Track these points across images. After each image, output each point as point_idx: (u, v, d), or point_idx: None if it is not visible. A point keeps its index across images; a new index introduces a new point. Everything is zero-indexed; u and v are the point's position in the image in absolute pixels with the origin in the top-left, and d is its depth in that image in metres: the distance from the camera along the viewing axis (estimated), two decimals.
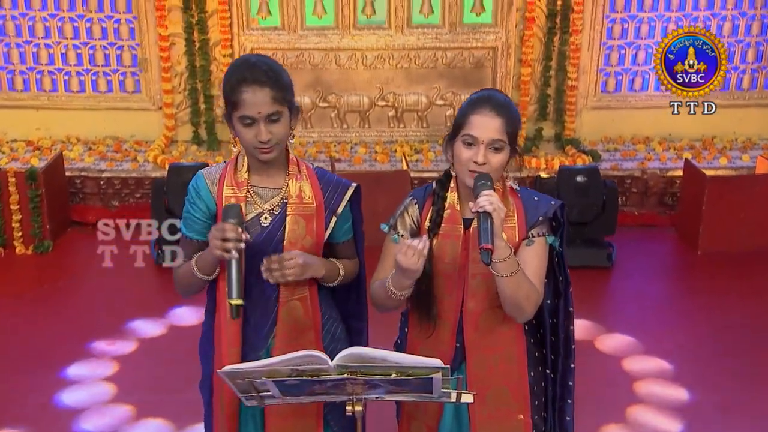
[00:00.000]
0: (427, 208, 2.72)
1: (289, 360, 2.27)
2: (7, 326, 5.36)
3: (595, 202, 6.10)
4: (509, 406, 2.74)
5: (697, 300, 5.85)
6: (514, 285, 2.48)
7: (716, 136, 7.17)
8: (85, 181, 6.83)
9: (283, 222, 2.70)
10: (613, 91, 7.29)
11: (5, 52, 7.12)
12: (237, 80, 2.54)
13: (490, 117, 2.53)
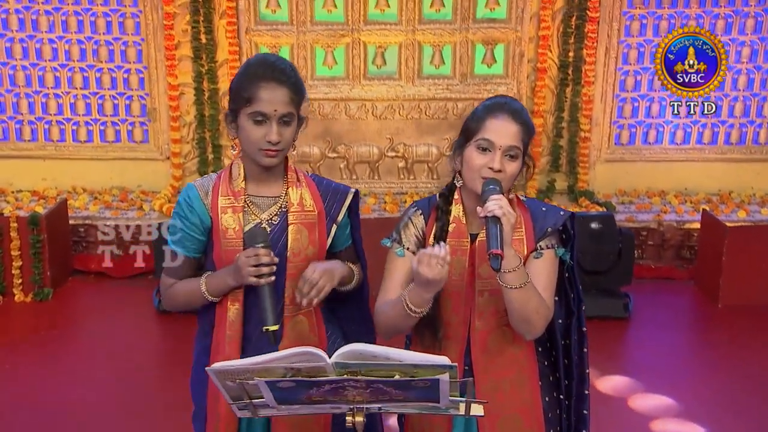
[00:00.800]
0: (432, 220, 2.61)
1: (285, 357, 2.10)
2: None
3: (610, 250, 5.84)
4: None
5: (718, 351, 5.60)
6: (523, 298, 2.39)
7: (733, 191, 6.87)
8: (89, 229, 6.66)
9: (283, 232, 2.59)
10: (627, 144, 7.05)
11: (14, 102, 7.01)
12: (255, 75, 2.47)
13: (508, 122, 2.44)
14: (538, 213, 2.58)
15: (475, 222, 2.53)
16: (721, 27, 6.78)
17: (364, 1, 6.79)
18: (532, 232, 2.52)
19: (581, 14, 6.66)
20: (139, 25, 6.85)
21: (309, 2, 6.77)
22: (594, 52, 6.75)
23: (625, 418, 4.67)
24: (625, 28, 6.80)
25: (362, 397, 2.19)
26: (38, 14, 6.81)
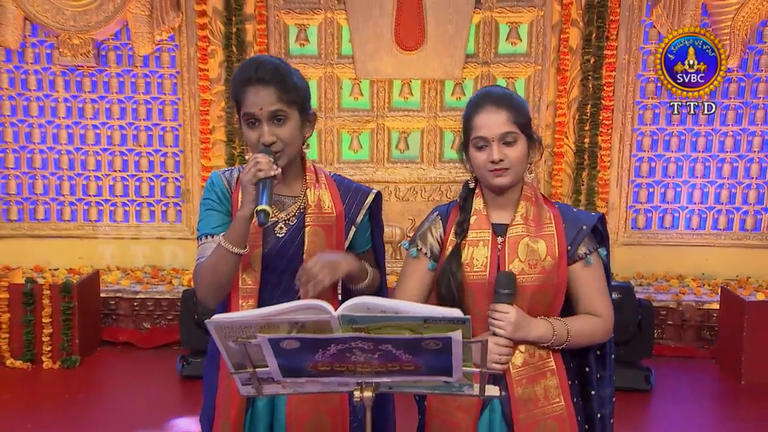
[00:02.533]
0: (450, 223, 2.54)
1: (289, 309, 1.97)
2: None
3: (631, 321, 5.56)
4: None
5: (742, 426, 5.25)
6: (577, 341, 2.42)
7: (751, 276, 6.60)
8: (120, 302, 6.56)
9: (299, 233, 2.53)
10: (644, 228, 6.85)
11: (57, 184, 7.00)
12: (241, 79, 2.41)
13: (493, 112, 2.39)
14: (569, 212, 2.52)
15: (495, 213, 2.48)
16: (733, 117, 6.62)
17: (388, 90, 6.76)
18: (563, 230, 2.44)
19: (596, 102, 6.56)
20: (177, 112, 6.85)
21: (337, 90, 6.75)
22: (609, 138, 6.63)
23: None
24: (638, 117, 6.66)
25: (370, 366, 2.00)
26: (84, 102, 6.85)
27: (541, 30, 6.55)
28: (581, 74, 6.52)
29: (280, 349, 1.95)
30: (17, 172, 6.92)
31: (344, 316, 1.88)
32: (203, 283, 2.40)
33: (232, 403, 2.49)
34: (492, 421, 2.41)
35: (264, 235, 2.45)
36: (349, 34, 6.59)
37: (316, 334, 1.92)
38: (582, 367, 2.54)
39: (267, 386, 2.12)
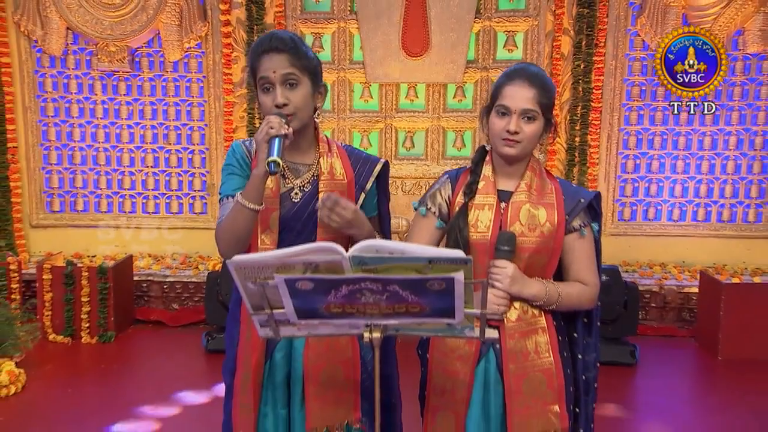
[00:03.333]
0: (459, 186, 2.50)
1: (303, 251, 1.96)
2: (65, 398, 5.14)
3: (618, 301, 5.58)
4: (546, 397, 2.43)
5: (718, 398, 5.27)
6: (566, 304, 2.42)
7: (727, 264, 6.59)
8: (151, 285, 6.58)
9: (313, 198, 2.48)
10: (629, 220, 6.81)
11: (95, 179, 7.02)
12: (257, 49, 2.41)
13: (522, 87, 2.35)
14: (569, 187, 2.52)
15: (502, 180, 2.47)
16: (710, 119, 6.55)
17: (395, 93, 6.76)
18: (563, 200, 2.42)
19: (586, 104, 6.54)
20: (203, 113, 6.85)
21: (348, 93, 6.75)
22: (597, 137, 6.60)
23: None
24: (624, 118, 6.64)
25: (379, 308, 1.98)
26: (119, 104, 6.86)
27: (535, 38, 6.54)
28: (572, 78, 6.49)
29: (295, 289, 1.92)
30: (59, 168, 6.93)
31: (354, 257, 1.87)
32: (223, 238, 2.38)
33: (252, 355, 2.48)
34: (487, 370, 2.41)
35: (281, 199, 2.43)
36: (360, 42, 6.60)
37: (329, 274, 1.90)
38: (570, 333, 2.53)
39: (283, 328, 2.10)
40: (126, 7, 6.55)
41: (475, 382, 2.41)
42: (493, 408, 2.40)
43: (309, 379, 2.47)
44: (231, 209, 2.34)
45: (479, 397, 2.41)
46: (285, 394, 2.50)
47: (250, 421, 2.50)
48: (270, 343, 2.50)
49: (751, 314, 5.66)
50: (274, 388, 2.50)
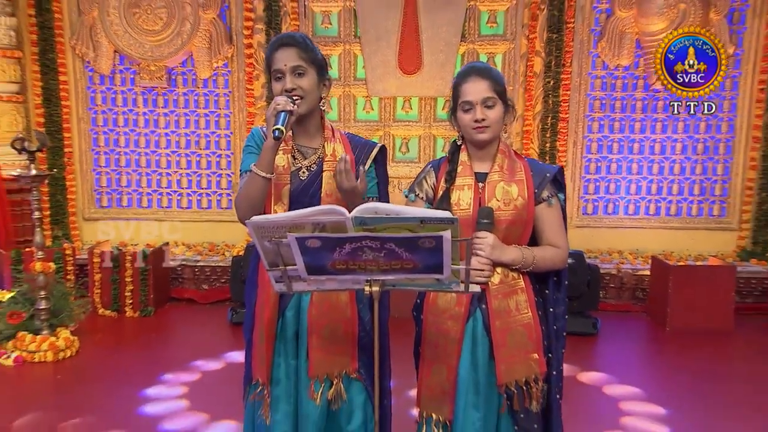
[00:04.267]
0: (441, 173, 2.50)
1: (311, 213, 1.98)
2: (111, 361, 5.20)
3: (582, 280, 5.58)
4: (527, 347, 2.42)
5: (668, 358, 5.41)
6: (539, 267, 2.40)
7: (674, 252, 6.56)
8: (184, 269, 6.56)
9: (318, 176, 2.47)
10: (592, 214, 6.80)
11: (137, 179, 7.01)
12: (272, 46, 2.43)
13: (476, 81, 2.37)
14: (536, 164, 2.50)
15: (477, 164, 2.45)
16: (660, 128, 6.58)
17: (393, 105, 6.75)
18: (531, 176, 2.41)
19: (555, 115, 6.52)
20: (229, 123, 6.84)
21: (352, 106, 6.76)
22: (565, 143, 6.59)
23: (602, 401, 4.46)
24: (588, 127, 6.64)
25: (377, 264, 1.98)
26: (158, 115, 6.86)
27: (512, 59, 6.53)
28: (543, 93, 6.47)
29: (305, 247, 1.92)
30: (107, 170, 6.92)
31: (356, 218, 1.87)
32: (240, 205, 2.37)
33: (266, 313, 2.48)
34: (475, 327, 2.38)
35: (291, 177, 2.43)
36: (363, 62, 6.60)
37: (334, 233, 1.90)
38: (543, 290, 2.50)
39: (295, 283, 2.09)
40: (164, 33, 6.56)
41: (464, 338, 2.39)
42: (480, 358, 2.38)
43: (312, 333, 2.45)
44: (247, 179, 2.35)
45: (469, 350, 2.39)
46: (294, 347, 2.49)
47: (265, 369, 2.50)
48: (282, 303, 2.48)
49: (694, 292, 5.69)
50: (285, 341, 2.49)
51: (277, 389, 2.51)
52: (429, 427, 2.47)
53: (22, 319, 5.13)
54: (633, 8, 6.28)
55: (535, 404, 2.40)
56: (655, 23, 6.25)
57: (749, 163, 6.47)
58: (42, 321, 5.14)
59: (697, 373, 4.92)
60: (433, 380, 2.47)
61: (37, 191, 5.18)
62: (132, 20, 6.54)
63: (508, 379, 2.37)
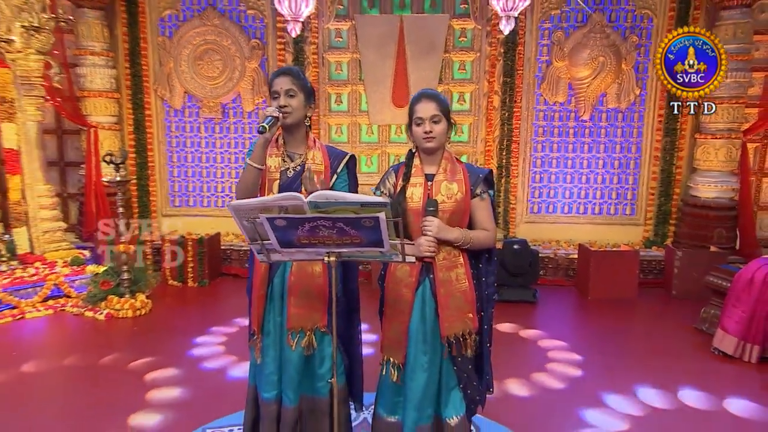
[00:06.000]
0: (399, 174, 2.46)
1: (276, 198, 1.93)
2: (175, 319, 5.23)
3: (525, 261, 5.62)
4: (464, 308, 2.40)
5: (588, 319, 5.35)
6: (474, 245, 2.36)
7: (597, 241, 6.45)
8: (232, 252, 6.56)
9: (300, 174, 2.43)
10: (537, 212, 6.72)
11: (199, 186, 6.97)
12: (273, 74, 2.45)
13: (427, 103, 2.36)
14: (471, 167, 2.46)
15: (427, 167, 2.42)
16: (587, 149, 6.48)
17: (388, 131, 6.68)
18: (468, 177, 2.39)
19: (509, 139, 6.48)
20: None
21: (357, 131, 6.70)
22: (516, 160, 6.52)
23: (536, 351, 4.46)
24: (533, 148, 6.56)
25: (332, 240, 1.95)
26: (215, 139, 6.81)
27: (477, 96, 6.49)
28: (500, 122, 6.42)
29: (274, 225, 1.90)
30: (178, 179, 6.91)
31: (311, 202, 1.85)
32: (238, 189, 2.39)
33: (257, 280, 2.48)
34: (424, 293, 2.38)
35: (280, 175, 2.41)
36: (366, 98, 6.56)
37: (295, 214, 1.87)
38: (477, 265, 2.47)
39: (273, 254, 2.06)
40: (219, 78, 6.57)
41: (415, 301, 2.39)
42: (428, 316, 2.38)
43: (291, 295, 2.44)
44: (244, 169, 2.37)
45: (419, 310, 2.39)
46: (280, 306, 2.47)
47: (258, 323, 2.50)
48: (270, 272, 2.46)
49: (609, 270, 5.67)
50: (273, 302, 2.48)
51: (267, 339, 2.50)
52: (388, 367, 2.46)
53: (110, 286, 5.21)
54: (566, 60, 6.25)
55: (469, 351, 2.40)
56: (582, 71, 6.22)
57: (651, 175, 6.41)
58: (125, 287, 5.21)
59: (608, 329, 4.94)
60: (391, 332, 2.46)
61: (120, 193, 5.21)
62: (197, 69, 6.58)
63: (449, 333, 2.36)
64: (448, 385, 2.42)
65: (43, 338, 4.70)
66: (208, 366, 4.07)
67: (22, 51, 5.51)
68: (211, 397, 3.56)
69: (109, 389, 3.71)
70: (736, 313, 4.24)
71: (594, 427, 3.28)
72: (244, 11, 6.46)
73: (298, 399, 2.50)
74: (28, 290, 5.21)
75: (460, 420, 2.42)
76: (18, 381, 3.83)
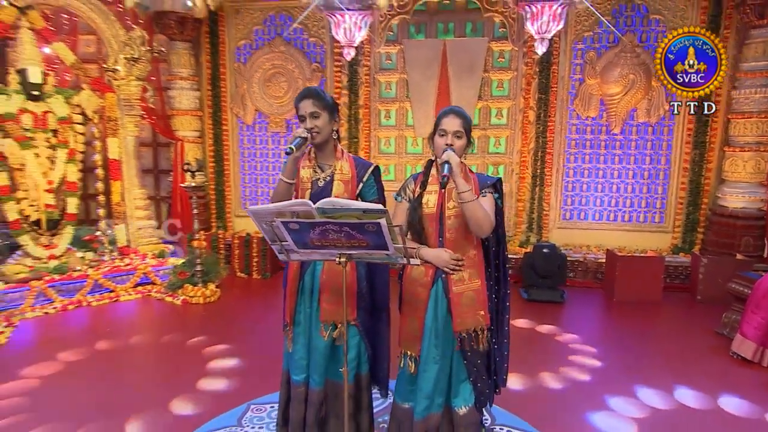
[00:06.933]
0: (417, 183, 2.42)
1: (288, 204, 1.91)
2: (236, 306, 5.27)
3: (554, 264, 5.46)
4: (475, 306, 2.35)
5: (612, 317, 5.08)
6: (473, 208, 2.19)
7: (626, 247, 6.18)
8: None
9: (330, 184, 2.43)
10: (569, 219, 6.47)
11: (265, 191, 7.07)
12: (298, 98, 2.41)
13: (453, 118, 2.30)
14: (482, 177, 2.39)
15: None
16: (617, 160, 6.20)
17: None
18: (478, 185, 2.33)
19: (543, 151, 6.30)
20: None
21: (404, 143, 6.67)
22: (550, 170, 6.33)
23: (559, 347, 4.31)
24: (566, 159, 6.34)
25: (341, 242, 1.93)
26: (281, 151, 6.86)
27: (514, 112, 6.35)
28: (535, 136, 6.27)
29: (289, 228, 1.90)
30: (249, 185, 7.01)
31: (319, 208, 1.84)
32: (271, 199, 2.39)
33: (290, 275, 2.50)
34: (437, 291, 2.35)
35: (312, 185, 2.42)
36: (411, 114, 6.54)
37: (305, 219, 1.86)
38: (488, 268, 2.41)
39: (292, 254, 2.04)
40: (284, 98, 6.68)
41: (429, 299, 2.35)
42: (440, 314, 2.35)
43: (323, 291, 2.45)
44: (277, 183, 2.37)
45: (432, 308, 2.35)
46: (310, 300, 2.49)
47: (291, 315, 2.52)
48: (302, 269, 2.48)
49: (634, 274, 5.44)
50: (303, 296, 2.50)
51: (298, 328, 2.52)
52: (405, 360, 2.45)
53: (186, 276, 5.40)
54: (598, 77, 6.02)
55: (482, 346, 2.36)
56: (613, 88, 5.97)
57: (680, 186, 6.06)
58: (198, 278, 5.39)
59: (629, 330, 4.71)
60: (408, 328, 2.44)
61: (195, 196, 5.46)
62: (266, 90, 6.72)
63: (461, 329, 2.33)
64: (459, 377, 2.39)
65: (131, 318, 4.96)
66: (260, 348, 4.17)
67: (125, 78, 5.88)
68: (259, 376, 3.66)
69: (178, 363, 3.90)
70: (755, 320, 3.96)
71: (605, 423, 3.15)
72: (307, 39, 6.60)
73: (324, 383, 2.51)
74: (123, 277, 5.55)
75: (468, 410, 2.38)
76: (111, 351, 4.10)
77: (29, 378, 3.62)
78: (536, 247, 5.44)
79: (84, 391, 3.43)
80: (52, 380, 3.59)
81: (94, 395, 3.39)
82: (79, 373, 3.71)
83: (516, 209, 6.44)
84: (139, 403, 3.27)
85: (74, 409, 3.21)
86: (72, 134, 5.64)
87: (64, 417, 3.11)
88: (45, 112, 5.41)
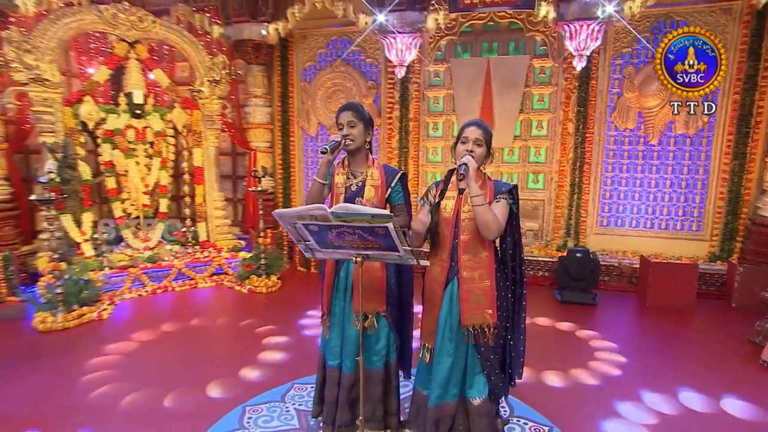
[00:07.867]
0: (438, 189, 2.40)
1: (307, 209, 1.93)
2: (294, 296, 5.31)
3: (586, 267, 5.18)
4: (483, 304, 2.31)
5: (643, 322, 4.74)
6: (483, 211, 2.17)
7: (662, 253, 5.81)
8: None
9: (362, 189, 2.43)
10: (606, 226, 6.17)
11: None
12: (340, 110, 2.42)
13: (474, 128, 2.28)
14: (498, 183, 2.34)
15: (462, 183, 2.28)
16: (654, 170, 5.81)
17: None
18: (493, 192, 2.29)
19: (581, 160, 6.03)
20: None
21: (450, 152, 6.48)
22: (588, 179, 6.05)
23: (586, 348, 4.09)
24: (604, 168, 6.04)
25: (357, 243, 1.95)
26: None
27: (554, 124, 6.13)
28: (574, 146, 6.02)
29: (310, 230, 1.94)
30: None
31: (334, 212, 1.86)
32: (306, 199, 2.42)
33: (327, 271, 2.54)
34: (452, 290, 2.33)
35: (345, 190, 2.43)
36: (457, 125, 6.44)
37: (323, 222, 1.89)
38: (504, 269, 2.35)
39: (317, 252, 2.09)
40: None
41: (444, 296, 2.35)
42: (454, 310, 2.33)
43: (356, 286, 2.47)
44: (312, 184, 2.39)
45: (447, 304, 2.34)
46: (344, 294, 2.52)
47: (327, 306, 2.54)
48: (337, 267, 2.51)
49: (667, 280, 5.09)
50: (338, 290, 2.53)
51: (333, 318, 2.55)
52: (424, 351, 2.46)
53: (252, 269, 5.54)
54: (636, 91, 5.69)
55: (489, 342, 2.31)
56: (651, 101, 5.61)
57: (719, 195, 5.62)
58: (262, 270, 5.53)
59: (659, 333, 4.42)
60: (427, 322, 2.45)
61: (261, 199, 5.62)
62: (327, 105, 6.84)
63: (468, 323, 2.31)
64: (473, 369, 2.35)
65: (206, 303, 5.19)
66: (308, 334, 4.25)
67: (208, 97, 6.20)
68: (304, 359, 3.75)
69: (240, 343, 4.07)
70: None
71: (624, 419, 2.98)
72: (364, 60, 6.68)
73: (355, 368, 2.53)
74: (201, 267, 5.82)
75: (482, 401, 2.35)
76: (185, 330, 4.35)
77: (131, 342, 4.04)
78: (570, 251, 5.21)
79: (167, 362, 3.70)
80: (142, 348, 3.91)
81: (177, 365, 3.64)
82: (161, 347, 3.98)
83: (554, 215, 6.21)
84: (215, 372, 3.49)
85: (161, 375, 3.48)
86: (165, 145, 6.02)
87: (154, 381, 3.38)
88: (144, 127, 5.81)
